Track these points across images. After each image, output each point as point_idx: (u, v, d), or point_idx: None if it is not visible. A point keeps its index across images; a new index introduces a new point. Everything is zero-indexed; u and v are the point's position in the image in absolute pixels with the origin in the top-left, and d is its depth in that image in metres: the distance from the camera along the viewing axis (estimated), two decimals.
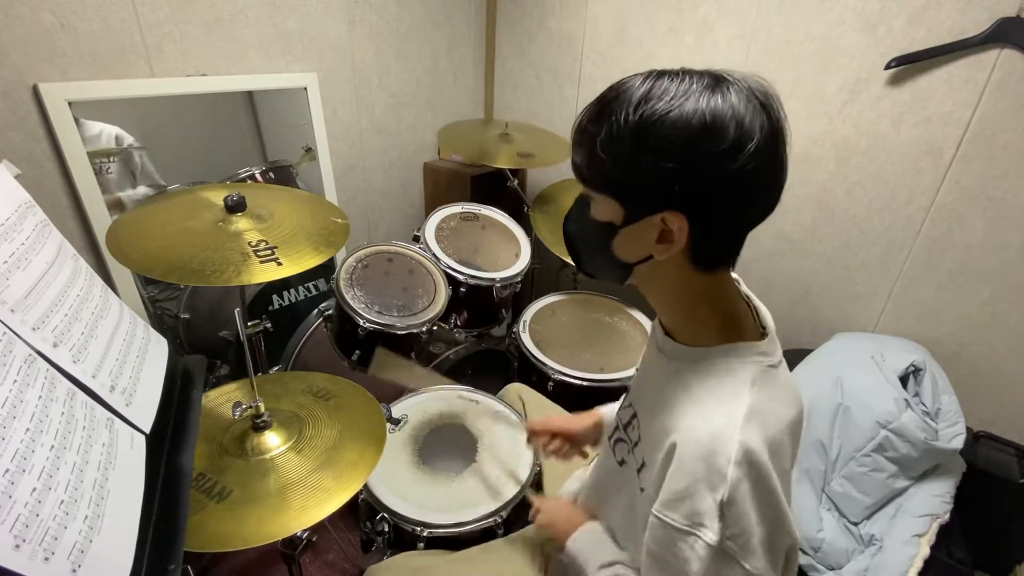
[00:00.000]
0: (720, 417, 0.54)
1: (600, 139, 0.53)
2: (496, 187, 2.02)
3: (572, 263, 0.70)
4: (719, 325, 0.61)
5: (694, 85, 0.50)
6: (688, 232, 0.53)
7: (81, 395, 0.55)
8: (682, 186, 0.51)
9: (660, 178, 0.51)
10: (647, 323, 1.67)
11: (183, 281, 1.15)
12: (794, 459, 0.62)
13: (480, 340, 1.78)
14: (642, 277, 0.62)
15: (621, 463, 0.74)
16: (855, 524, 1.34)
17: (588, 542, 0.78)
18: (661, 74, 0.52)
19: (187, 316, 1.54)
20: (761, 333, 0.63)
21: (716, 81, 0.51)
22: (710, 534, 0.52)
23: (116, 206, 1.38)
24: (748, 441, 0.52)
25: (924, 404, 1.33)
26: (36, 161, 1.22)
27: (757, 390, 0.56)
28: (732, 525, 0.52)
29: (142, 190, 1.44)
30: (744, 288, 0.69)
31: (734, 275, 0.67)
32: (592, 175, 0.57)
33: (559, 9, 1.98)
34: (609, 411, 0.99)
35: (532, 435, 1.00)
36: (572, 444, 0.98)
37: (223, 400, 1.03)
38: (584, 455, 0.99)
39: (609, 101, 0.53)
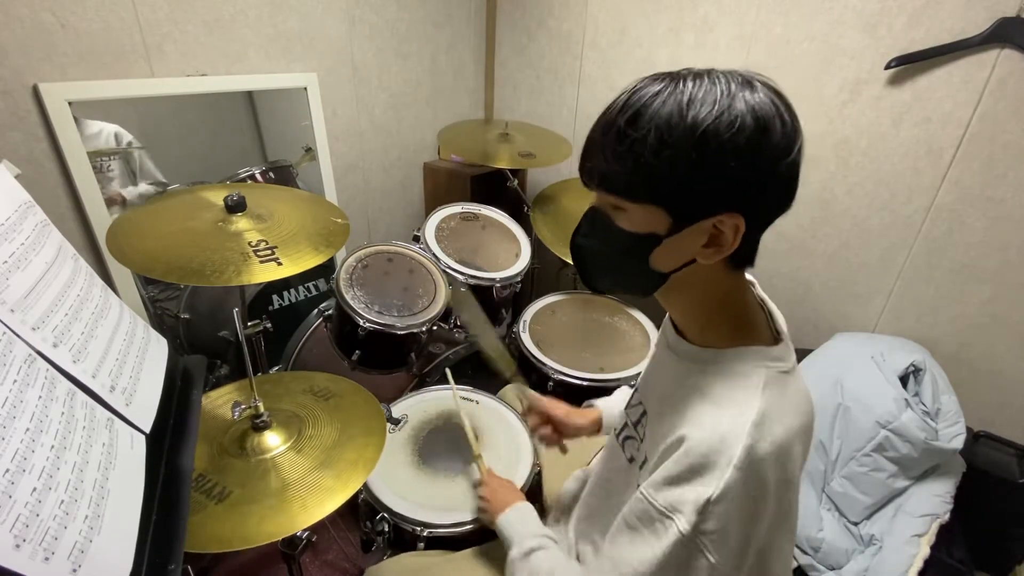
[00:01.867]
0: (729, 419, 0.54)
1: (648, 145, 0.50)
2: (496, 187, 2.02)
3: (579, 271, 0.68)
4: (733, 327, 0.61)
5: (732, 85, 0.50)
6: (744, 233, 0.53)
7: (81, 395, 0.55)
8: (744, 186, 0.51)
9: (722, 181, 0.50)
10: (647, 323, 1.67)
11: (183, 281, 1.15)
12: (803, 466, 0.62)
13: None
14: (672, 284, 0.60)
15: (631, 460, 0.74)
16: (855, 524, 1.34)
17: (515, 520, 0.86)
18: (696, 75, 0.51)
19: (187, 316, 1.54)
20: (775, 338, 0.63)
21: (746, 80, 0.51)
22: (684, 523, 0.52)
23: (116, 201, 1.37)
24: (754, 446, 0.52)
25: (924, 404, 1.33)
26: (36, 161, 1.22)
27: (768, 395, 0.55)
28: (711, 522, 0.51)
29: (143, 187, 1.44)
30: (759, 291, 0.68)
31: (750, 277, 0.67)
32: (634, 183, 0.53)
33: (559, 9, 1.98)
34: (608, 406, 1.00)
35: (530, 411, 1.02)
36: (561, 435, 1.00)
37: (223, 400, 1.03)
38: (564, 450, 1.01)
39: (644, 105, 0.51)
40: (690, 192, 0.52)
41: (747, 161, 0.49)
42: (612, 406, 1.00)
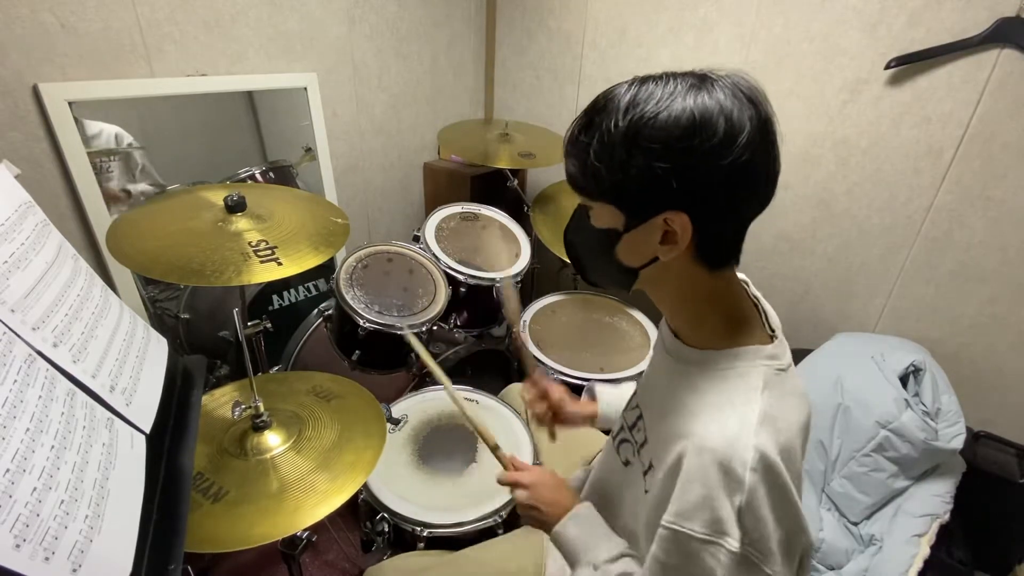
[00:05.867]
0: (734, 422, 0.54)
1: (592, 149, 0.53)
2: (496, 187, 2.02)
3: (572, 265, 0.70)
4: (727, 327, 0.61)
5: (679, 86, 0.51)
6: (692, 230, 0.54)
7: (81, 395, 0.55)
8: (679, 185, 0.51)
9: (656, 179, 0.51)
10: (647, 323, 1.67)
11: (183, 281, 1.15)
12: (803, 461, 0.62)
13: (480, 340, 1.78)
14: (648, 281, 0.62)
15: (626, 463, 0.74)
16: (855, 524, 1.34)
17: (585, 531, 0.73)
18: (645, 79, 0.53)
19: (187, 316, 1.54)
20: (770, 336, 0.63)
21: (701, 80, 0.52)
22: (732, 542, 0.51)
23: (120, 199, 1.37)
24: (763, 446, 0.52)
25: (924, 404, 1.33)
26: (36, 161, 1.22)
27: (768, 394, 0.56)
28: (751, 531, 0.51)
29: (143, 186, 1.44)
30: (753, 290, 0.69)
31: (743, 276, 0.67)
32: (588, 184, 0.57)
33: (559, 9, 1.98)
34: (608, 399, 0.98)
35: (529, 383, 0.95)
36: (554, 418, 0.95)
37: (224, 400, 1.03)
38: (552, 437, 0.96)
39: (598, 111, 0.54)
40: (629, 190, 0.54)
41: (679, 161, 0.50)
42: (610, 401, 0.98)
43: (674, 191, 0.52)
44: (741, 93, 0.51)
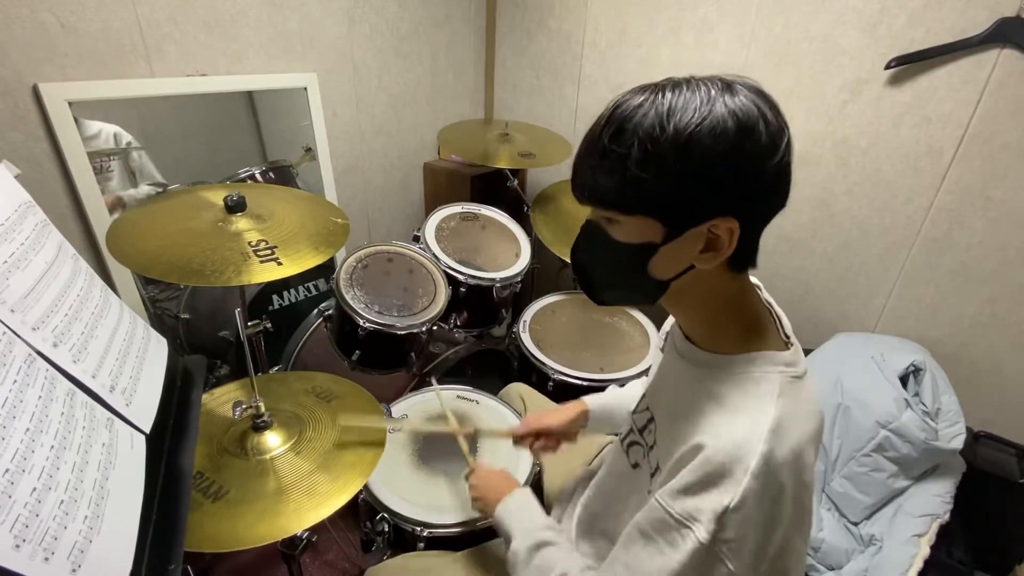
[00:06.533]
0: (745, 426, 0.54)
1: (633, 159, 0.51)
2: (496, 187, 2.02)
3: (582, 286, 0.67)
4: (743, 332, 0.61)
5: (712, 91, 0.50)
6: (739, 235, 0.53)
7: (81, 395, 0.55)
8: (733, 190, 0.51)
9: (711, 186, 0.51)
10: (647, 323, 1.67)
11: (183, 281, 1.15)
12: (815, 468, 0.62)
13: (480, 340, 1.78)
14: (674, 291, 0.60)
15: (635, 466, 0.73)
16: (855, 524, 1.34)
17: (515, 509, 0.81)
18: (676, 85, 0.52)
19: (187, 316, 1.54)
20: (785, 343, 0.62)
21: (726, 84, 0.51)
22: (703, 532, 0.51)
23: (117, 205, 1.38)
24: (770, 454, 0.51)
25: (924, 404, 1.33)
26: (36, 161, 1.22)
27: (783, 402, 0.55)
28: (730, 530, 0.51)
29: (144, 189, 1.44)
30: (765, 295, 0.68)
31: (756, 281, 0.67)
32: (625, 197, 0.54)
33: (559, 9, 1.98)
34: (595, 400, 1.01)
35: (517, 440, 1.02)
36: (557, 439, 1.00)
37: (224, 400, 1.02)
38: (573, 440, 1.02)
39: (626, 119, 0.51)
40: (679, 201, 0.52)
41: (732, 165, 0.50)
42: (600, 405, 1.01)
43: (726, 196, 0.51)
44: (763, 96, 0.52)
